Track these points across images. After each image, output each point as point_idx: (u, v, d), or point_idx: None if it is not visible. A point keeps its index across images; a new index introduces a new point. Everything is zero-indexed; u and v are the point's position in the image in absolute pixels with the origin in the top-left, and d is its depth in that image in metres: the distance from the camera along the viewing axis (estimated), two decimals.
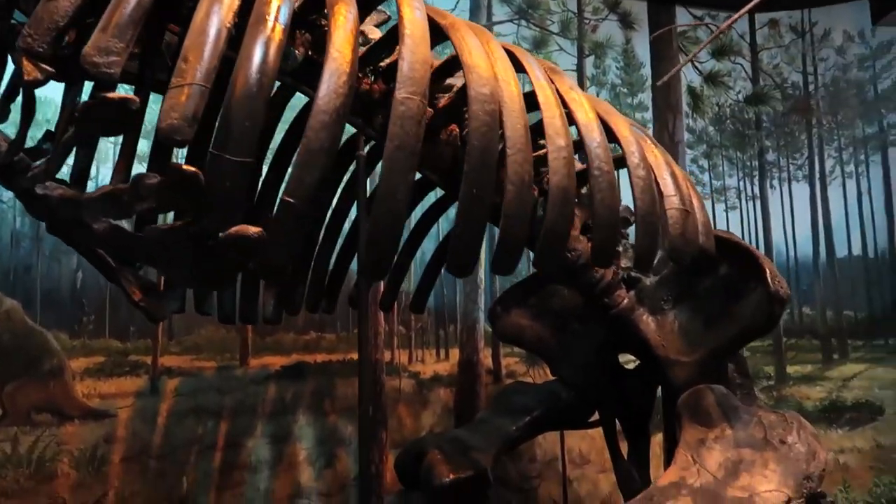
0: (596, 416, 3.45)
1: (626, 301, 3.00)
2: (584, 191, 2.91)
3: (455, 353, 4.31)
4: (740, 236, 5.03)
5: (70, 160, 2.13)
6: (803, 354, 4.85)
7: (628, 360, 3.30)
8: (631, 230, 3.16)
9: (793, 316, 4.88)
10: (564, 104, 2.29)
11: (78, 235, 1.91)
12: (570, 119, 2.32)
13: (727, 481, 2.28)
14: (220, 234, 1.47)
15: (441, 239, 3.56)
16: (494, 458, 3.09)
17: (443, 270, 4.46)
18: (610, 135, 2.36)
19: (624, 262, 3.08)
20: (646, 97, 4.97)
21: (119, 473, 3.54)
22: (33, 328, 3.58)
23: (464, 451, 3.09)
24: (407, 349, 4.22)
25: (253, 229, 1.47)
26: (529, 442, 4.49)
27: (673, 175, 2.24)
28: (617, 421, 3.43)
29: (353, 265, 3.25)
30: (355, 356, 4.05)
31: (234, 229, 1.47)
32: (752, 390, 3.09)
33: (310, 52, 2.23)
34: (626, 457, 3.39)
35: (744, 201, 4.98)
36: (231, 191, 1.45)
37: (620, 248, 3.07)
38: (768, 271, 2.41)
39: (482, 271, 4.37)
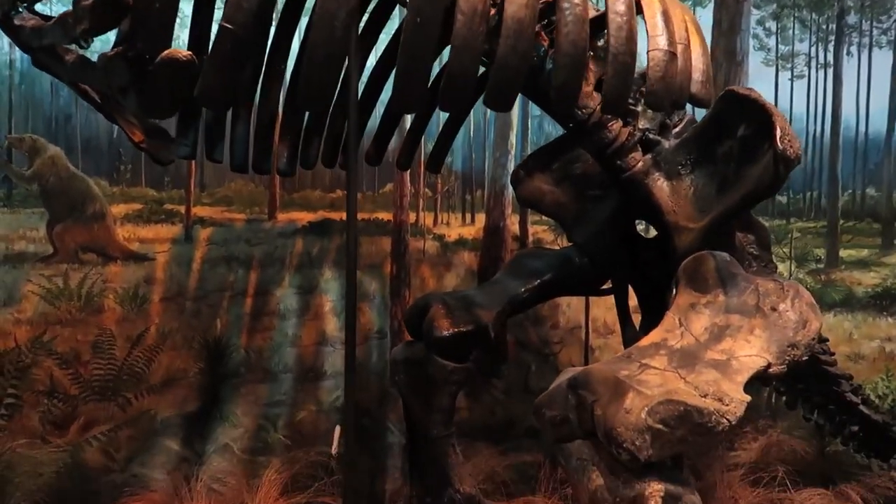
0: (609, 285, 3.41)
1: (640, 164, 2.85)
2: (600, 43, 2.71)
3: (481, 218, 4.29)
4: (805, 108, 4.64)
5: None
6: (861, 238, 4.54)
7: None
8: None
9: (854, 197, 4.53)
10: None
11: (57, 68, 1.96)
12: None
13: (708, 345, 2.23)
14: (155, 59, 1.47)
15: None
16: (497, 317, 3.13)
17: (470, 132, 4.40)
18: None
19: (642, 123, 2.90)
20: None
21: (159, 311, 3.83)
22: (76, 174, 3.80)
23: (468, 307, 3.15)
24: (432, 212, 4.24)
25: (183, 53, 1.45)
26: (552, 308, 4.54)
27: (665, 16, 2.03)
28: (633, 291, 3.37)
29: (373, 121, 3.19)
30: (381, 215, 4.12)
31: (165, 52, 1.46)
32: (771, 263, 2.95)
33: None
34: (637, 327, 3.36)
35: (813, 69, 4.52)
36: (159, 12, 1.42)
37: (639, 108, 2.89)
38: (779, 128, 2.20)
39: (513, 135, 4.25)
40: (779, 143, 2.19)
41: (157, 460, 3.69)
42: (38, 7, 2.20)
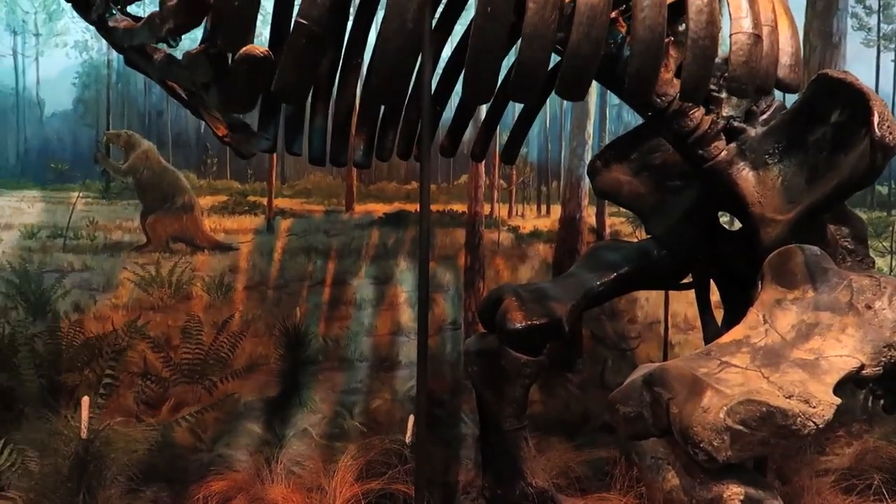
0: (690, 279, 3.30)
1: (723, 153, 2.73)
2: (681, 28, 2.61)
3: (557, 210, 4.23)
4: None
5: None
6: None
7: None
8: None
9: None
10: None
11: (147, 67, 2.06)
12: None
13: (795, 343, 2.11)
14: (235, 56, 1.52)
15: None
16: (571, 310, 3.08)
17: (546, 122, 4.33)
18: None
19: (726, 111, 2.77)
20: None
21: (242, 299, 3.99)
22: (167, 167, 4.00)
23: (542, 300, 3.11)
24: (507, 203, 4.21)
25: (260, 49, 1.50)
26: (630, 302, 4.42)
27: None
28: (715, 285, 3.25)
29: (448, 113, 3.20)
30: (455, 207, 4.12)
31: (243, 49, 1.51)
32: (867, 256, 2.77)
33: None
34: (719, 323, 3.23)
35: None
36: (238, 9, 1.47)
37: (723, 95, 2.76)
38: (877, 114, 2.06)
39: (590, 125, 4.16)
40: (877, 130, 2.05)
41: (241, 442, 3.85)
42: (132, 8, 2.32)
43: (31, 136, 3.86)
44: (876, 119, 2.05)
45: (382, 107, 3.03)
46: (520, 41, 1.87)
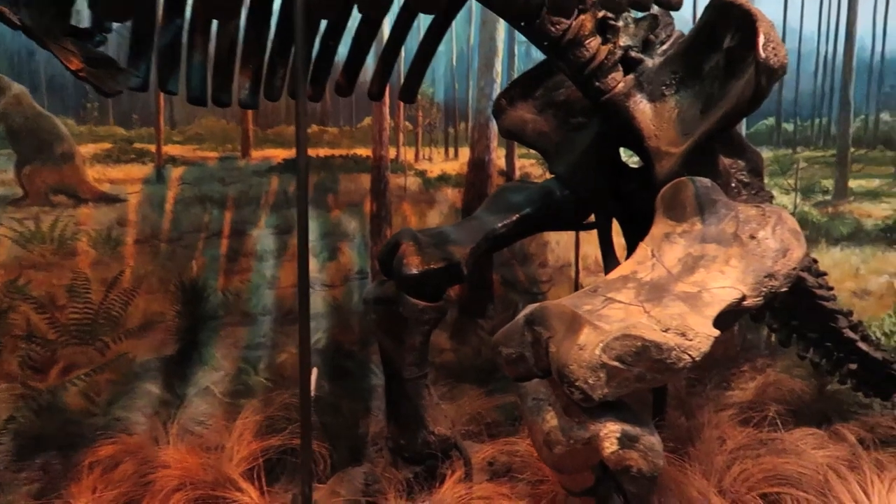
0: (594, 219, 3.23)
1: (620, 85, 2.64)
2: None
3: (465, 153, 4.09)
4: (817, 26, 4.31)
5: None
6: (872, 168, 4.27)
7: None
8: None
9: (866, 123, 4.24)
10: None
11: None
12: None
13: (680, 276, 2.06)
14: None
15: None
16: (471, 253, 2.98)
17: (453, 61, 4.16)
18: None
19: (624, 41, 2.67)
20: None
21: (133, 254, 3.74)
22: (42, 113, 3.66)
23: (440, 244, 2.99)
24: (413, 147, 4.04)
25: None
26: (540, 246, 4.37)
27: None
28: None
29: (343, 49, 2.99)
30: (359, 151, 3.94)
31: None
32: (763, 190, 2.75)
33: None
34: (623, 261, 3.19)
35: None
36: None
37: (620, 23, 2.65)
38: (762, 35, 1.98)
39: (499, 63, 4.00)
40: (761, 51, 1.97)
41: (138, 404, 3.66)
42: None
43: None
44: (761, 40, 1.97)
45: (269, 41, 2.81)
46: None
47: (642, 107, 2.63)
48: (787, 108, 4.30)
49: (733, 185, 2.68)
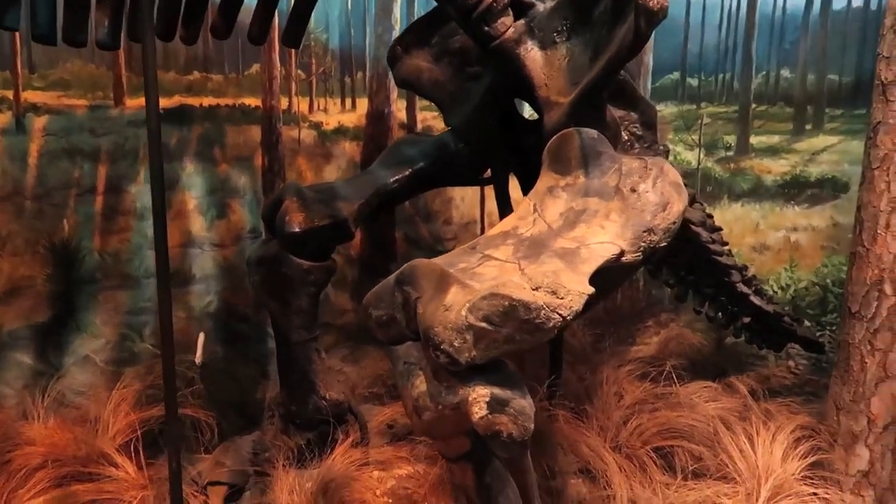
0: (490, 174, 3.12)
1: (510, 31, 2.49)
2: None
3: (363, 104, 3.88)
4: None
5: None
6: (772, 124, 4.31)
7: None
8: None
9: (767, 79, 4.25)
10: None
11: None
12: None
13: (560, 232, 1.96)
14: None
15: None
16: (359, 209, 2.82)
17: (348, 4, 3.91)
18: None
19: None
20: None
21: None
22: None
23: (327, 200, 2.82)
24: (308, 97, 3.80)
25: None
26: (445, 202, 4.25)
27: None
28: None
29: None
30: (247, 101, 3.67)
31: None
32: (656, 143, 2.68)
33: None
34: None
35: None
36: None
37: None
38: None
39: (397, 8, 3.77)
40: None
41: (7, 376, 3.37)
42: None
43: None
44: None
45: None
46: None
47: (533, 54, 2.49)
48: (693, 63, 4.26)
49: (625, 137, 2.61)
